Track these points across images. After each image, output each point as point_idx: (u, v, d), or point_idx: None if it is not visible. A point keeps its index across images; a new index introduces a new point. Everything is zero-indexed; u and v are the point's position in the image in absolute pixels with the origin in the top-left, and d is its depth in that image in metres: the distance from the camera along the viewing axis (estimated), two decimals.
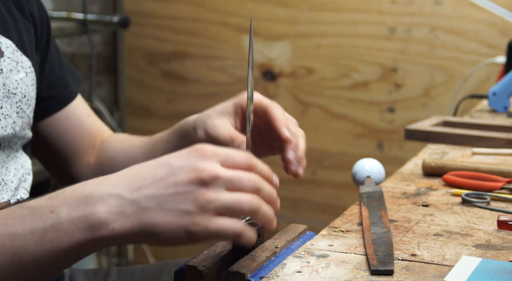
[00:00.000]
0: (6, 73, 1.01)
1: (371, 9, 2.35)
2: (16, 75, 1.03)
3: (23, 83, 1.04)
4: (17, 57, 1.04)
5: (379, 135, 2.41)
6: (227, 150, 0.75)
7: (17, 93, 1.03)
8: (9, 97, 1.01)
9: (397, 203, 1.00)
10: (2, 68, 1.00)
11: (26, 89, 1.04)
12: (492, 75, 2.23)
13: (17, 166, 1.07)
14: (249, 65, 0.82)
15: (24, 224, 0.74)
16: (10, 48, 1.02)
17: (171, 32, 2.63)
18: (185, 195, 0.71)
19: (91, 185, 0.75)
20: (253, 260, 0.78)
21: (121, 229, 0.72)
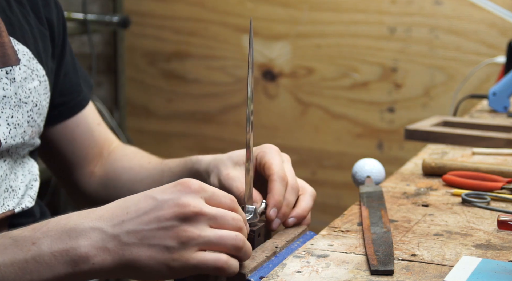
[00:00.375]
0: (20, 81, 1.00)
1: (371, 9, 2.35)
2: (30, 83, 1.02)
3: (36, 92, 1.03)
4: (33, 65, 1.03)
5: (379, 135, 2.41)
6: (213, 188, 0.75)
7: (28, 102, 1.02)
8: (20, 106, 1.01)
9: (397, 203, 1.00)
10: (15, 77, 0.99)
11: (38, 98, 1.04)
12: (492, 75, 2.23)
13: (25, 172, 1.06)
14: (249, 65, 0.82)
15: (5, 254, 0.74)
16: (27, 56, 1.02)
17: (171, 32, 2.63)
18: (167, 230, 0.72)
19: (75, 218, 0.75)
20: (253, 260, 0.78)
21: (102, 264, 0.72)
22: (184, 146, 2.68)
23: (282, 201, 0.87)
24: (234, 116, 2.59)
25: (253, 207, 0.83)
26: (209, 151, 2.80)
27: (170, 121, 2.67)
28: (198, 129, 2.66)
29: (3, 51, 0.99)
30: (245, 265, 0.77)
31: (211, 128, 2.63)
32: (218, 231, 0.72)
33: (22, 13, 1.05)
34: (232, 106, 2.59)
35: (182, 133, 2.67)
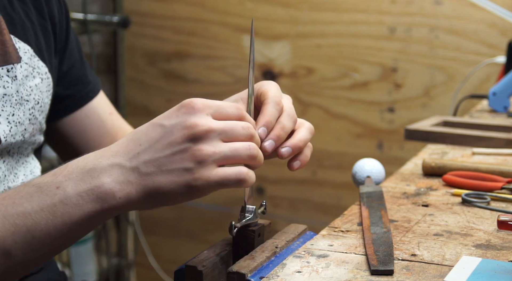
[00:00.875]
0: (21, 79, 1.00)
1: (371, 9, 2.35)
2: (31, 81, 1.02)
3: (37, 89, 1.03)
4: (34, 63, 1.03)
5: (379, 135, 2.41)
6: (217, 101, 0.76)
7: (30, 99, 1.02)
8: (21, 104, 1.01)
9: (397, 203, 1.00)
10: (16, 74, 0.99)
11: (40, 95, 1.04)
12: (492, 75, 2.23)
13: (26, 172, 1.06)
14: (250, 64, 0.82)
15: (33, 202, 0.75)
16: (28, 54, 1.02)
17: (171, 32, 2.63)
18: (182, 153, 0.73)
19: (92, 158, 0.76)
20: (253, 260, 0.78)
21: (128, 197, 0.74)
22: None
23: (273, 122, 0.82)
24: None
25: (253, 207, 0.83)
26: None
27: None
28: None
29: (4, 49, 0.98)
30: (245, 265, 0.77)
31: None
32: (232, 144, 0.73)
33: (24, 11, 1.04)
34: None
35: None
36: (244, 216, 0.82)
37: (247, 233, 0.82)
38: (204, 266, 0.77)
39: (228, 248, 0.82)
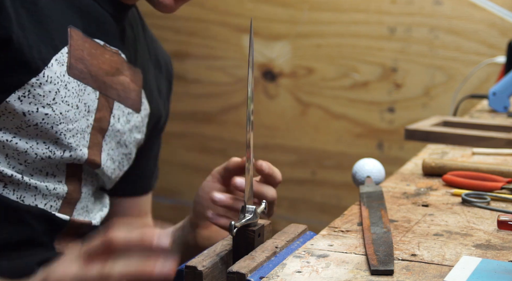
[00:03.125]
0: (132, 127, 1.10)
1: (371, 9, 2.35)
2: (137, 134, 1.13)
3: (136, 143, 1.13)
4: (143, 122, 1.14)
5: (379, 135, 2.41)
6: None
7: (128, 147, 1.11)
8: (121, 146, 1.10)
9: (397, 203, 1.00)
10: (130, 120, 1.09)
11: (133, 149, 1.13)
12: (492, 75, 2.23)
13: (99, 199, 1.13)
14: (249, 65, 0.82)
15: None
16: (145, 112, 1.13)
17: (171, 32, 2.63)
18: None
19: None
20: (253, 260, 0.78)
21: None
22: (184, 146, 2.68)
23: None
24: (234, 116, 2.59)
25: (253, 207, 0.83)
26: (209, 151, 2.81)
27: (170, 121, 2.66)
28: (198, 129, 2.66)
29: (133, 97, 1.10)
30: (245, 265, 0.77)
31: (211, 128, 2.63)
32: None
33: (157, 79, 1.18)
34: (232, 106, 2.59)
35: (182, 133, 2.67)
36: (244, 216, 0.82)
37: (247, 233, 0.82)
38: (204, 266, 0.77)
39: (228, 248, 0.82)
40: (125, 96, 1.08)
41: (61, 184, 1.02)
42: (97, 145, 1.05)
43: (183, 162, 2.69)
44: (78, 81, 0.99)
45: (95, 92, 1.03)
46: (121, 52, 1.08)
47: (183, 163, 2.69)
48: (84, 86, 1.01)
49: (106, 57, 1.04)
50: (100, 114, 1.04)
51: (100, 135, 1.05)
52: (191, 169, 2.67)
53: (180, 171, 2.69)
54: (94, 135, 1.04)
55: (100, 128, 1.05)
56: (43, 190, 1.00)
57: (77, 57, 0.99)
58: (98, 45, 1.03)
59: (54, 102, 0.96)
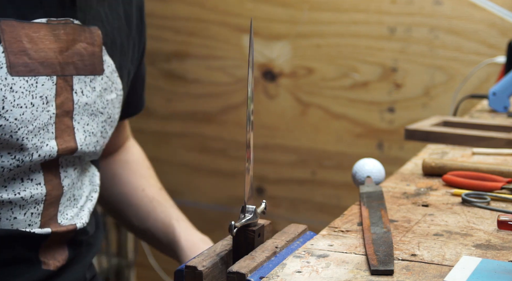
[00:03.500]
0: (100, 91, 1.04)
1: (371, 9, 2.35)
2: (108, 95, 1.06)
3: (112, 104, 1.07)
4: (114, 78, 1.07)
5: (379, 135, 2.41)
6: None
7: (104, 113, 1.06)
8: (96, 116, 1.04)
9: (397, 203, 1.00)
10: (95, 86, 1.03)
11: (113, 110, 1.08)
12: (492, 75, 2.23)
13: (86, 182, 1.09)
14: (249, 65, 0.82)
15: None
16: (110, 68, 1.06)
17: (171, 32, 2.63)
18: None
19: None
20: (253, 260, 0.78)
21: None
22: (184, 146, 2.68)
23: None
24: (234, 116, 2.59)
25: (253, 207, 0.83)
26: (209, 151, 2.80)
27: (170, 121, 2.67)
28: (198, 129, 2.66)
29: (92, 60, 1.02)
30: (245, 265, 0.77)
31: (211, 128, 2.63)
32: None
33: (118, 25, 1.09)
34: (232, 106, 2.59)
35: (182, 133, 2.67)
36: (244, 216, 0.82)
37: (247, 233, 0.82)
38: (204, 266, 0.77)
39: (228, 248, 0.82)
40: (84, 65, 1.02)
41: (40, 187, 0.99)
42: (66, 130, 1.00)
43: (183, 162, 2.69)
44: (25, 77, 0.93)
45: (50, 78, 0.97)
46: (70, 18, 1.00)
47: (183, 163, 2.69)
48: (35, 79, 0.94)
49: (54, 33, 0.97)
50: (61, 98, 0.98)
51: (67, 118, 1.00)
52: (191, 169, 2.67)
53: (180, 171, 2.69)
54: (60, 122, 0.99)
55: (65, 112, 1.00)
56: (19, 202, 0.96)
57: (16, 52, 0.92)
58: (40, 25, 0.95)
59: (5, 111, 0.91)
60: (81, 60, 1.01)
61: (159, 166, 2.76)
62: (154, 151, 2.71)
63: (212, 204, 2.65)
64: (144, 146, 2.72)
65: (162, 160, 2.70)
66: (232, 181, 2.61)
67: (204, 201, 2.65)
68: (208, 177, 2.65)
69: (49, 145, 0.97)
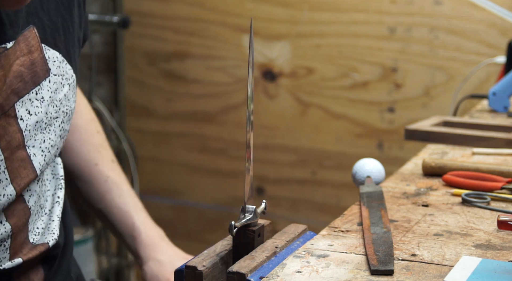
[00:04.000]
0: (50, 97, 0.92)
1: (371, 9, 2.35)
2: (60, 93, 0.94)
3: (66, 99, 0.95)
4: (63, 69, 0.94)
5: (379, 135, 2.41)
6: None
7: (59, 115, 0.94)
8: (51, 125, 0.93)
9: (397, 203, 1.00)
10: (43, 95, 0.91)
11: (68, 105, 0.96)
12: (492, 75, 2.23)
13: (49, 177, 1.00)
14: (249, 65, 0.82)
15: None
16: (57, 61, 0.93)
17: (171, 32, 2.63)
18: None
19: None
20: (253, 260, 0.78)
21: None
22: (184, 146, 2.68)
23: None
24: (234, 116, 2.59)
25: (253, 207, 0.83)
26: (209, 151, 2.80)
27: (170, 121, 2.67)
28: (198, 129, 2.66)
29: (33, 70, 0.89)
30: (245, 265, 0.77)
31: (211, 128, 2.63)
32: None
33: (54, 6, 0.94)
34: (232, 106, 2.59)
35: (182, 133, 2.67)
36: (244, 216, 0.82)
37: (247, 233, 0.82)
38: (204, 266, 0.77)
39: (228, 248, 0.82)
40: (24, 83, 0.88)
41: (1, 225, 0.89)
42: (22, 164, 0.89)
43: (183, 162, 2.69)
44: None
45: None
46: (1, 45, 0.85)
47: (183, 163, 2.68)
48: None
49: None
50: (7, 138, 0.87)
51: (19, 151, 0.89)
52: (191, 169, 2.67)
53: (180, 171, 2.69)
54: (12, 161, 0.88)
55: (15, 147, 0.88)
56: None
57: None
58: None
59: None
60: (21, 81, 0.88)
61: (159, 166, 2.76)
62: (154, 151, 2.71)
63: (212, 204, 2.65)
64: (144, 146, 2.73)
65: (162, 160, 2.70)
66: (232, 181, 2.61)
67: (204, 201, 2.65)
68: (208, 177, 2.65)
69: (6, 192, 0.87)
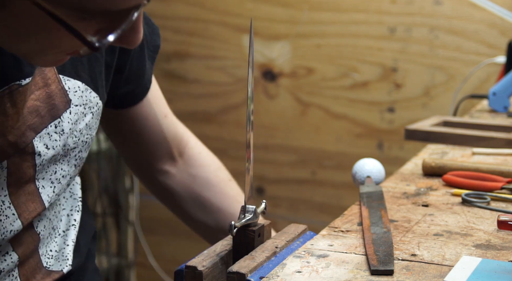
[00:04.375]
0: (71, 128, 0.87)
1: (371, 9, 2.35)
2: (81, 123, 0.89)
3: (87, 128, 0.90)
4: (86, 97, 0.89)
5: (379, 135, 2.41)
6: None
7: (77, 145, 0.89)
8: (66, 156, 0.88)
9: (397, 203, 1.00)
10: (64, 128, 0.86)
11: (89, 134, 0.91)
12: (492, 75, 2.23)
13: (65, 196, 0.97)
14: (249, 65, 0.82)
15: None
16: (79, 90, 0.88)
17: (171, 32, 2.63)
18: None
19: None
20: (253, 260, 0.78)
21: None
22: None
23: None
24: (234, 116, 2.59)
25: (253, 207, 0.83)
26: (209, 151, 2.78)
27: None
28: (198, 129, 2.65)
29: (51, 103, 0.84)
30: (245, 265, 0.77)
31: (211, 128, 2.63)
32: None
33: None
34: (232, 106, 2.59)
35: None
36: (244, 216, 0.82)
37: (247, 233, 0.82)
38: (204, 266, 0.77)
39: (228, 248, 0.82)
40: (41, 117, 0.83)
41: (8, 255, 0.86)
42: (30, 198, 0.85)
43: None
44: None
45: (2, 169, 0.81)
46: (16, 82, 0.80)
47: None
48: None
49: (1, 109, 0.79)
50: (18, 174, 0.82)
51: (28, 185, 0.84)
52: None
53: None
54: (19, 196, 0.83)
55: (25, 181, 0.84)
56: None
57: None
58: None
59: None
60: (38, 115, 0.83)
61: None
62: None
63: None
64: None
65: None
66: None
67: None
68: None
69: (14, 228, 0.84)
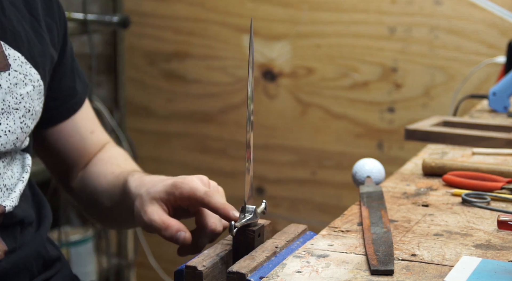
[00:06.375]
0: (9, 87, 0.99)
1: (371, 9, 2.35)
2: (22, 89, 1.01)
3: (29, 97, 1.02)
4: (26, 70, 1.02)
5: (379, 135, 2.41)
6: None
7: (20, 108, 1.01)
8: (10, 113, 1.00)
9: (397, 203, 1.00)
10: (1, 83, 0.98)
11: (31, 103, 1.03)
12: (492, 75, 2.23)
13: (15, 168, 1.06)
14: (249, 65, 0.82)
15: None
16: (19, 60, 1.01)
17: (171, 32, 2.63)
18: None
19: None
20: (253, 260, 0.78)
21: None
22: (184, 146, 2.68)
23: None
24: (234, 116, 2.59)
25: (253, 207, 0.83)
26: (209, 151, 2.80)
27: (170, 121, 2.67)
28: (198, 129, 2.66)
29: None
30: (245, 265, 0.77)
31: (211, 128, 2.63)
32: None
33: (17, 17, 1.04)
34: (232, 106, 2.59)
35: (182, 133, 2.67)
36: (244, 216, 0.82)
37: (247, 233, 0.82)
38: (204, 266, 0.77)
39: (228, 248, 0.82)
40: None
41: None
42: None
43: (183, 162, 2.69)
44: None
45: None
46: None
47: (183, 163, 2.69)
48: None
49: None
50: None
51: None
52: (191, 169, 2.67)
53: (180, 171, 2.68)
54: None
55: None
56: None
57: None
58: None
59: None
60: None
61: (159, 166, 2.76)
62: (154, 151, 2.71)
63: None
64: (144, 146, 2.73)
65: (162, 160, 2.70)
66: (232, 181, 2.61)
67: None
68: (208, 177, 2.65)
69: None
